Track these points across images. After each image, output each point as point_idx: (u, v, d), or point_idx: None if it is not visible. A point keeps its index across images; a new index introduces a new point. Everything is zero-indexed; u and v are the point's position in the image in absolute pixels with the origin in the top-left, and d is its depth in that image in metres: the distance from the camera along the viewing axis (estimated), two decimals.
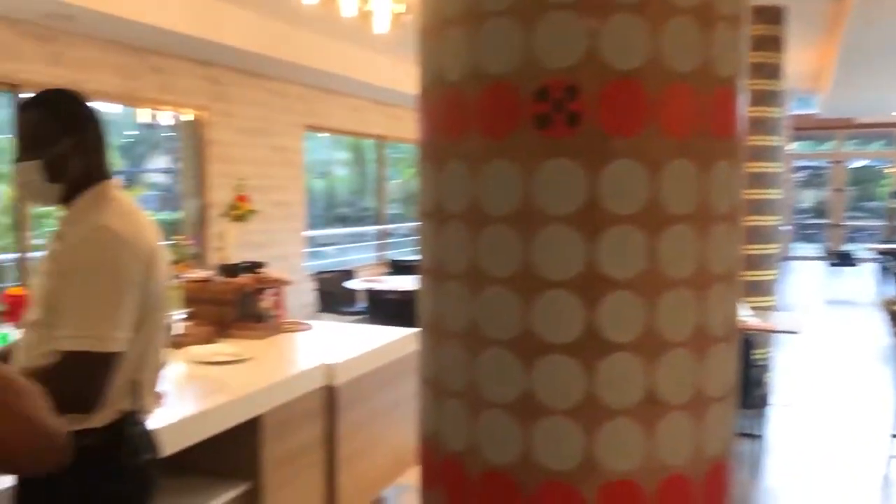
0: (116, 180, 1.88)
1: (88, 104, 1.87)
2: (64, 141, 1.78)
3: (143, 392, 1.79)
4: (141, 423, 1.78)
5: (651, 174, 1.37)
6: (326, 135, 11.54)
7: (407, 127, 10.71)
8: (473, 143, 1.44)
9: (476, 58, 1.43)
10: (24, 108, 1.83)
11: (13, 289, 3.06)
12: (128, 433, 1.73)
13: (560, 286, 1.37)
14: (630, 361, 1.38)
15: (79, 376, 1.63)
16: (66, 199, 1.81)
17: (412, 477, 3.96)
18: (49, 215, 11.79)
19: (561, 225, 1.36)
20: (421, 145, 1.60)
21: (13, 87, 5.44)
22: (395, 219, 12.12)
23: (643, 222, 1.37)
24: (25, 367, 1.70)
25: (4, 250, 11.36)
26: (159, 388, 1.95)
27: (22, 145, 1.81)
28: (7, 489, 1.80)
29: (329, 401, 3.35)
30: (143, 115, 7.08)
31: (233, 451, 2.92)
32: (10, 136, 2.02)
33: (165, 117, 7.24)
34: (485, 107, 1.42)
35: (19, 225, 5.92)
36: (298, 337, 3.88)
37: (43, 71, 5.57)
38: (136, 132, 19.34)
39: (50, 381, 1.60)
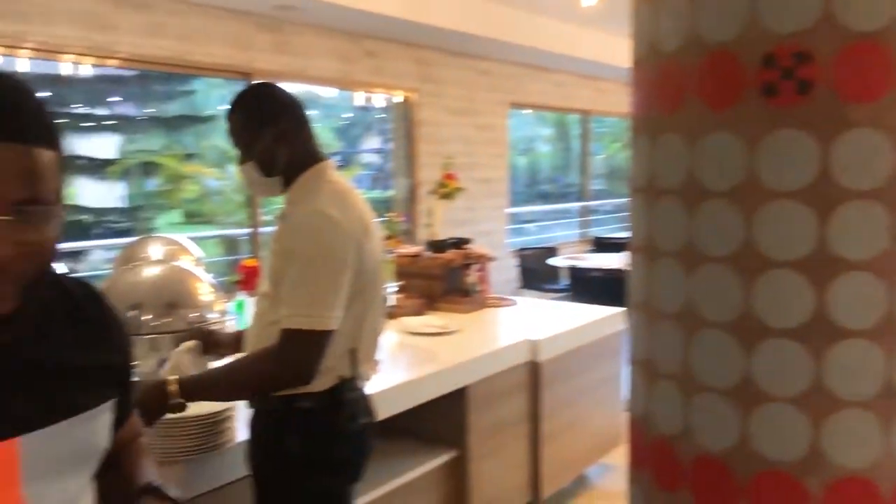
0: (331, 161, 1.96)
1: (281, 93, 1.94)
2: (265, 136, 1.87)
3: (360, 360, 1.87)
4: (358, 389, 1.86)
5: (893, 144, 1.24)
6: (530, 111, 11.57)
7: (612, 100, 10.46)
8: (691, 115, 1.37)
9: (696, 26, 1.36)
10: (227, 115, 1.95)
11: (247, 260, 3.34)
12: (346, 398, 1.82)
13: (786, 266, 1.28)
14: (866, 349, 1.27)
15: (297, 351, 1.75)
16: (286, 185, 1.92)
17: (617, 457, 3.90)
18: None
19: (788, 200, 1.27)
20: (633, 118, 1.55)
21: (246, 75, 5.93)
22: (598, 195, 11.93)
23: (884, 198, 1.25)
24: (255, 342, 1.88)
25: (239, 225, 12.51)
26: (376, 356, 2.05)
27: (236, 149, 1.95)
28: (241, 443, 1.98)
29: (533, 376, 3.38)
30: (358, 98, 7.45)
31: (441, 419, 3.04)
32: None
33: (378, 100, 7.59)
34: (705, 77, 1.35)
35: (251, 202, 6.47)
36: (502, 312, 3.94)
37: (271, 59, 6.02)
38: (352, 115, 20.46)
39: (266, 361, 1.78)
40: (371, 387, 2.08)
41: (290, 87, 2.03)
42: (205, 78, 13.10)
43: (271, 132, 1.87)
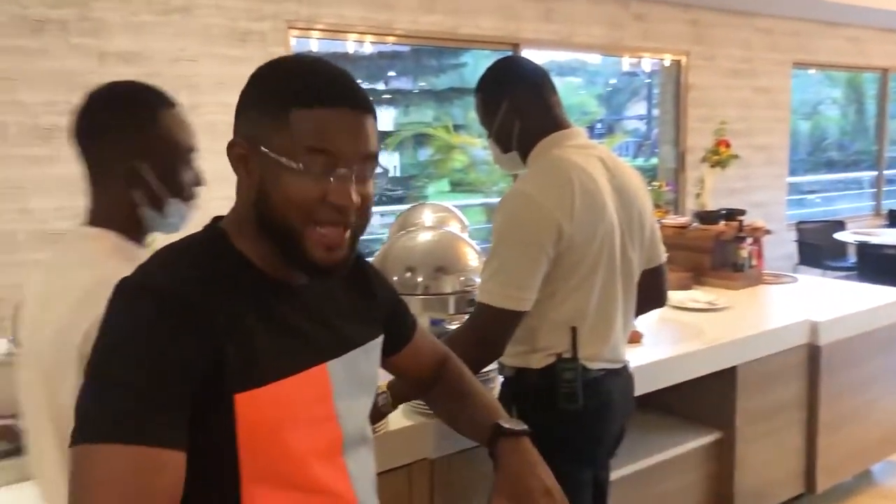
0: (569, 131, 1.86)
1: (518, 66, 1.92)
2: (500, 111, 1.86)
3: (582, 339, 1.79)
4: (577, 370, 1.77)
5: None
6: (815, 71, 10.54)
7: None
8: None
9: None
10: (474, 94, 1.94)
11: None
12: (563, 377, 1.77)
13: None
14: None
15: (482, 325, 1.75)
16: (524, 160, 1.90)
17: None
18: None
19: None
20: None
21: (513, 46, 6.02)
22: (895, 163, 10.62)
23: None
24: None
25: (502, 194, 12.86)
26: (624, 333, 1.92)
27: (483, 126, 1.96)
28: None
29: (811, 360, 3.11)
30: (625, 63, 7.27)
31: (707, 398, 2.91)
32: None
33: (645, 64, 7.34)
34: None
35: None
36: (779, 290, 3.66)
37: (538, 28, 6.05)
38: (616, 81, 20.05)
39: (465, 330, 1.79)
40: (633, 361, 2.02)
41: (554, 54, 2.02)
42: (474, 50, 13.56)
43: (505, 107, 1.86)
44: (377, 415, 1.78)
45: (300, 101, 0.96)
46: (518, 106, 1.85)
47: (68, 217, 4.24)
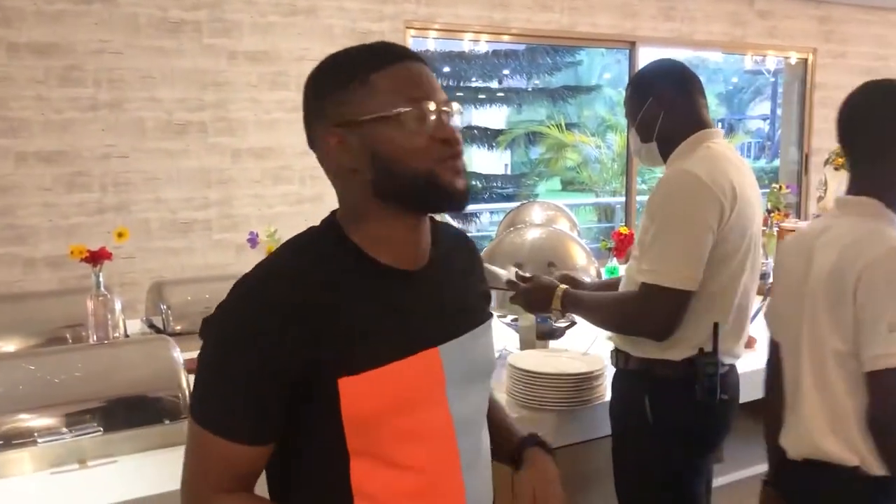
0: (716, 130, 1.91)
1: (671, 66, 1.96)
2: (648, 102, 1.90)
3: (724, 333, 1.80)
4: (718, 364, 1.78)
5: None
6: None
7: None
8: None
9: None
10: (626, 87, 2.03)
11: (621, 228, 3.39)
12: (704, 371, 1.76)
13: None
14: None
15: (651, 306, 1.75)
16: (665, 155, 1.91)
17: None
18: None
19: None
20: None
21: (630, 44, 5.94)
22: None
23: None
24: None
25: (614, 193, 12.68)
26: (747, 332, 1.95)
27: (627, 118, 2.01)
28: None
29: None
30: (747, 61, 7.03)
31: None
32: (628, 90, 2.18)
33: (770, 63, 7.07)
34: None
35: (628, 171, 6.50)
36: None
37: (656, 26, 5.94)
38: (737, 79, 19.35)
39: (626, 305, 1.83)
40: (744, 366, 2.00)
41: (675, 53, 2.03)
42: (589, 49, 13.41)
43: (651, 100, 1.90)
44: (538, 306, 2.07)
45: (374, 65, 1.03)
46: (664, 100, 1.90)
47: (197, 207, 4.50)
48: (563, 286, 1.99)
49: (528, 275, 2.14)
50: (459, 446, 1.09)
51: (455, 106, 1.06)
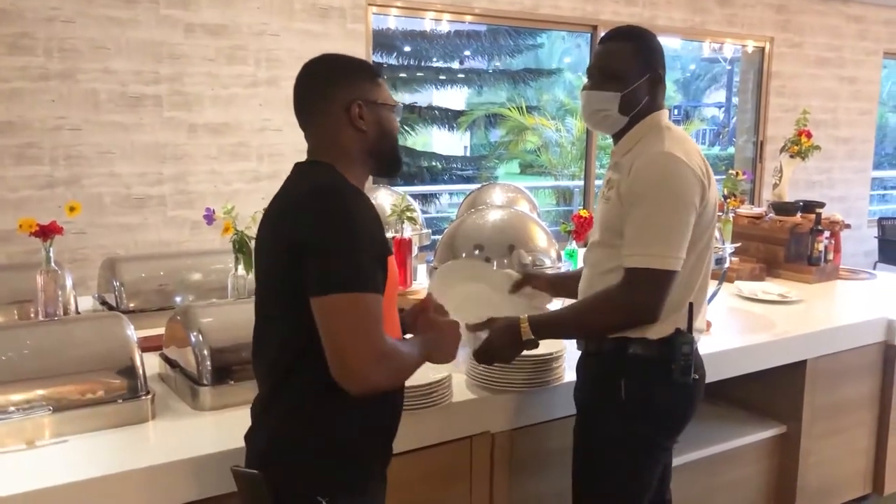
0: (665, 110, 1.92)
1: (661, 45, 1.93)
2: (643, 77, 1.84)
3: (695, 313, 1.82)
4: (692, 343, 1.81)
5: None
6: None
7: None
8: None
9: None
10: (611, 39, 1.90)
11: (581, 211, 3.40)
12: (681, 350, 1.78)
13: None
14: None
15: (642, 290, 1.75)
16: (622, 130, 1.89)
17: None
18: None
19: None
20: None
21: (592, 27, 5.96)
22: None
23: None
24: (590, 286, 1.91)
25: (573, 177, 12.76)
26: (706, 315, 1.98)
27: (601, 74, 1.87)
28: (568, 383, 2.06)
29: (886, 359, 3.02)
30: (705, 49, 7.10)
31: (774, 391, 2.86)
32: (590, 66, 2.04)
33: (727, 51, 7.15)
34: None
35: (587, 155, 6.54)
36: (855, 286, 3.56)
37: (618, 10, 5.96)
38: (694, 67, 19.56)
39: (614, 297, 1.79)
40: (700, 349, 2.01)
41: None
42: (551, 32, 13.41)
43: (648, 76, 1.85)
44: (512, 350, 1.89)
45: (378, 73, 1.55)
46: (656, 83, 1.87)
47: (151, 183, 4.41)
48: (524, 315, 1.85)
49: (478, 321, 1.91)
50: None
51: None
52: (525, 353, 1.90)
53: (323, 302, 1.31)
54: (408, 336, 1.60)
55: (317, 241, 1.33)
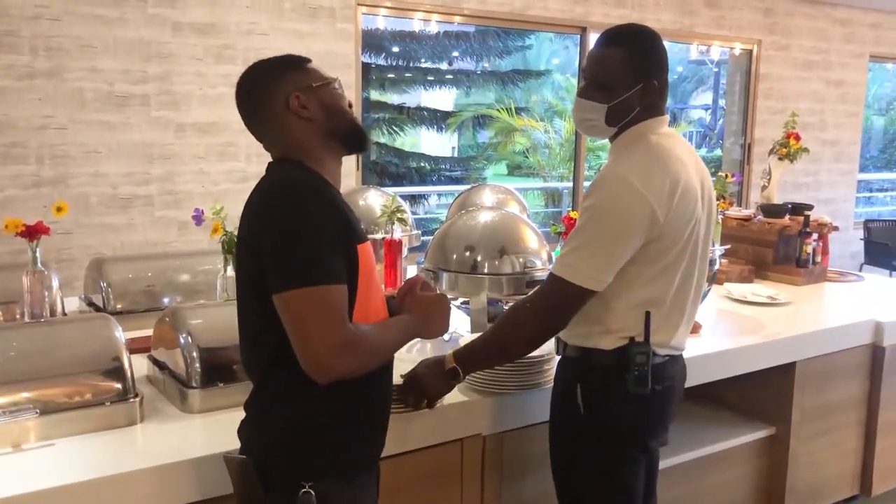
0: (662, 117, 1.84)
1: (664, 49, 1.84)
2: (635, 88, 1.77)
3: (655, 325, 1.78)
4: (649, 354, 1.77)
5: None
6: (892, 66, 10.18)
7: None
8: None
9: None
10: (605, 43, 1.81)
11: (571, 212, 3.40)
12: (634, 361, 1.75)
13: None
14: None
15: (552, 296, 1.76)
16: (614, 135, 1.85)
17: None
18: (601, 149, 12.63)
19: None
20: None
21: (581, 29, 5.96)
22: None
23: None
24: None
25: (561, 178, 12.77)
26: (690, 322, 1.92)
27: (592, 82, 1.81)
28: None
29: (874, 361, 3.04)
30: (692, 51, 7.12)
31: (763, 393, 2.87)
32: (585, 70, 1.95)
33: (714, 53, 7.18)
34: None
35: (576, 156, 6.54)
36: (843, 288, 3.58)
37: (607, 12, 5.97)
38: (682, 69, 19.63)
39: (531, 299, 1.81)
40: (688, 351, 2.00)
41: None
42: (539, 33, 13.42)
43: (641, 87, 1.78)
44: (441, 389, 1.86)
45: (303, 60, 1.55)
46: (651, 90, 1.79)
47: (138, 183, 4.37)
48: (446, 354, 1.85)
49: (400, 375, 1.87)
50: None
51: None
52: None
53: (280, 298, 1.35)
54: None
55: (268, 240, 1.37)
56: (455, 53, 13.92)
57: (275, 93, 1.48)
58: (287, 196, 1.40)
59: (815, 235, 3.65)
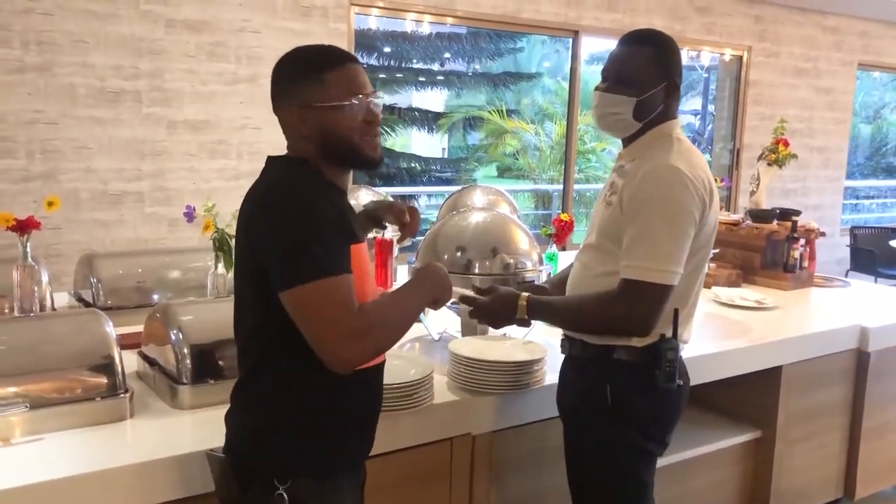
0: (677, 120, 1.90)
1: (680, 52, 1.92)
2: (660, 85, 1.83)
3: (682, 321, 1.82)
4: (677, 350, 1.81)
5: None
6: (879, 74, 10.27)
7: None
8: None
9: None
10: (632, 42, 1.86)
11: (562, 215, 3.41)
12: (666, 357, 1.78)
13: None
14: None
15: (636, 303, 1.74)
16: (633, 135, 1.88)
17: None
18: (591, 152, 12.64)
19: None
20: None
21: (573, 32, 5.99)
22: None
23: None
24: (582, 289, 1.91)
25: (552, 181, 12.80)
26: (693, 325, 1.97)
27: (618, 77, 1.84)
28: (549, 386, 2.07)
29: (859, 365, 3.07)
30: (682, 57, 7.16)
31: (749, 397, 2.89)
32: (610, 66, 1.88)
33: (704, 59, 7.23)
34: None
35: (566, 159, 6.57)
36: (829, 293, 3.61)
37: (599, 16, 6.00)
38: None
39: (611, 303, 1.78)
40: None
41: (611, 43, 1.98)
42: (531, 36, 13.46)
43: (666, 84, 1.84)
44: (503, 320, 1.93)
45: (327, 66, 1.45)
46: (673, 91, 1.86)
47: (129, 179, 4.36)
48: (525, 293, 1.90)
49: (484, 287, 2.00)
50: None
51: (380, 94, 1.51)
52: (502, 359, 1.95)
53: (286, 297, 1.36)
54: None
55: (268, 240, 1.38)
56: (447, 55, 13.93)
57: (284, 97, 1.48)
58: (283, 196, 1.40)
59: (802, 241, 3.68)
